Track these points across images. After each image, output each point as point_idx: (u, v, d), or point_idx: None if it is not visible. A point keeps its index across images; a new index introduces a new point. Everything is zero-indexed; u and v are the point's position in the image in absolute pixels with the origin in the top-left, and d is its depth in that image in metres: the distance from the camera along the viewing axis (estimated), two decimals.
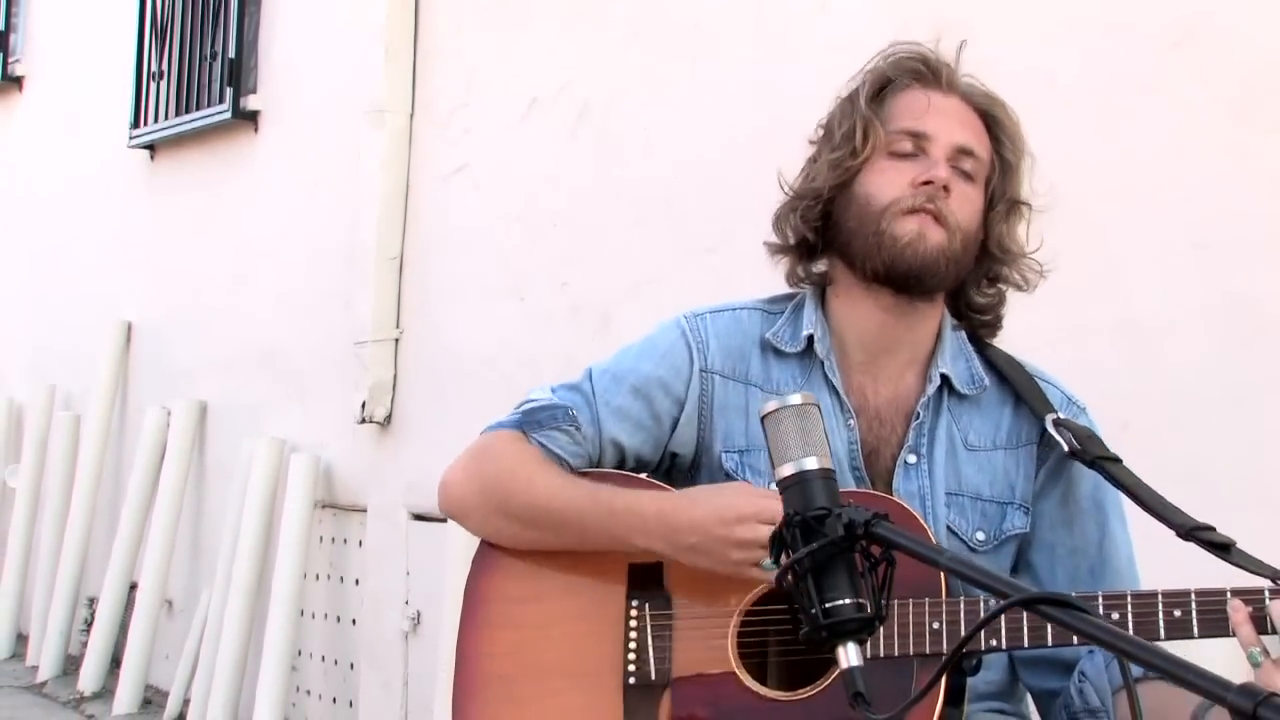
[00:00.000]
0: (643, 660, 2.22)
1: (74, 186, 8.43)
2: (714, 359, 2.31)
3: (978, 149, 2.24)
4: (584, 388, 2.34)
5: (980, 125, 2.28)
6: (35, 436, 8.23)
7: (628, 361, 2.35)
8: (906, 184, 2.20)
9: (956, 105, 2.27)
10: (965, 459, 2.26)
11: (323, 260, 6.24)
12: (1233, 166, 3.36)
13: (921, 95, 2.26)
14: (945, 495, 2.23)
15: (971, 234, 2.23)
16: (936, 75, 2.28)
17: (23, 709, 7.03)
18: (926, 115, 2.24)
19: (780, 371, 2.29)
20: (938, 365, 2.27)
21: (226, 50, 6.93)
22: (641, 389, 2.31)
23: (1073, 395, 2.32)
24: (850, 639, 1.58)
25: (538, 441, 2.30)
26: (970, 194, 2.23)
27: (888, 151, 2.24)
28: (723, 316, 2.36)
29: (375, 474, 5.86)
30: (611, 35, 5.03)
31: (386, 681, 5.65)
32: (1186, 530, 2.05)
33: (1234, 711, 1.33)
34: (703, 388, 2.29)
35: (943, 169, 2.20)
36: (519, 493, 2.29)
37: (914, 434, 2.24)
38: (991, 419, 2.28)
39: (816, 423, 1.68)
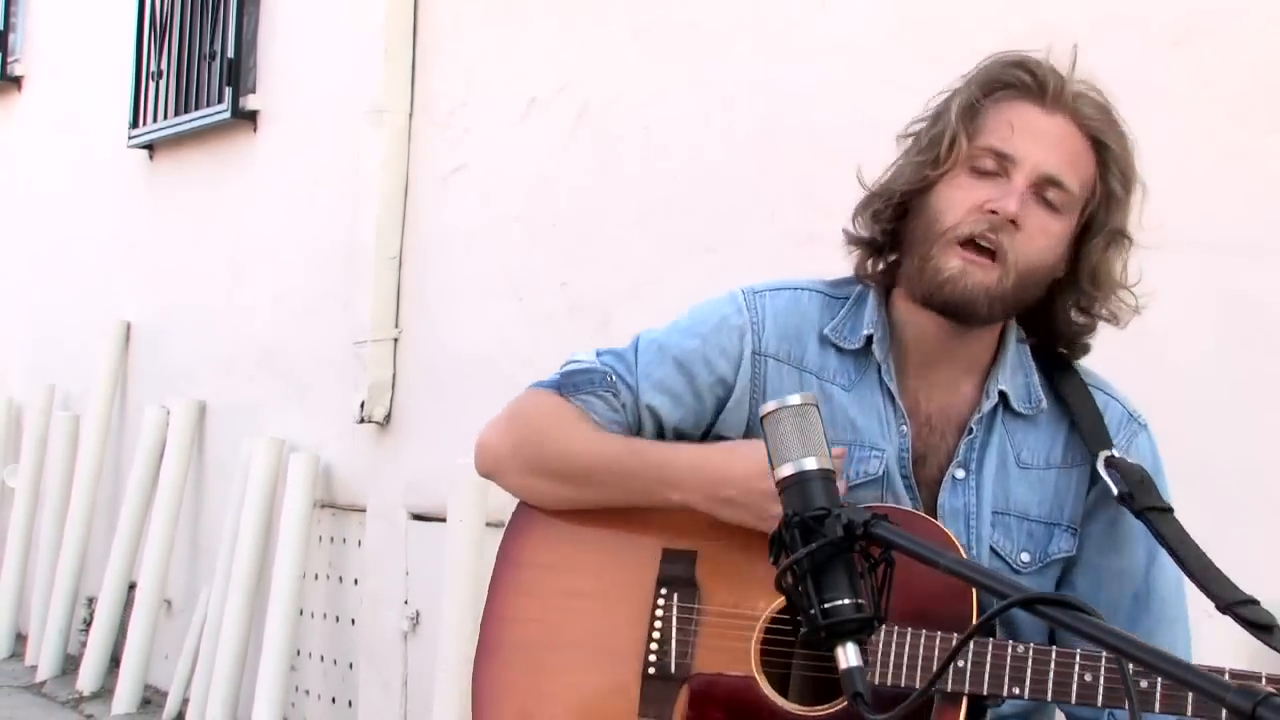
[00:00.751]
0: (664, 651, 2.20)
1: (73, 186, 8.43)
2: (769, 341, 2.23)
3: (1068, 179, 2.11)
4: (628, 356, 2.28)
5: (1084, 150, 2.15)
6: (34, 436, 8.23)
7: (676, 333, 2.28)
8: (975, 205, 2.10)
9: (1058, 126, 2.13)
10: (1016, 476, 2.20)
11: (322, 260, 6.24)
12: (1233, 166, 3.36)
13: (1020, 110, 2.13)
14: (994, 514, 2.18)
15: (1038, 270, 2.12)
16: (1043, 89, 2.14)
17: (22, 708, 7.03)
18: (1017, 135, 2.11)
19: (837, 363, 2.22)
20: (996, 380, 2.20)
21: (225, 50, 6.93)
22: (685, 363, 2.24)
23: (1135, 412, 2.25)
24: (849, 639, 1.57)
25: (575, 403, 2.27)
26: (1050, 226, 2.12)
27: (969, 167, 2.13)
28: (782, 295, 2.27)
29: (374, 474, 5.86)
30: (611, 35, 5.03)
31: (386, 681, 5.65)
32: (1225, 604, 1.98)
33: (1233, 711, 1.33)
34: (755, 371, 2.22)
35: (1013, 201, 2.08)
36: (553, 447, 2.26)
37: (965, 448, 2.19)
38: (1047, 437, 2.22)
39: (816, 423, 1.67)
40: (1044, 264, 2.13)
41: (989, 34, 3.84)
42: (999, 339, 2.23)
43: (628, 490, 2.21)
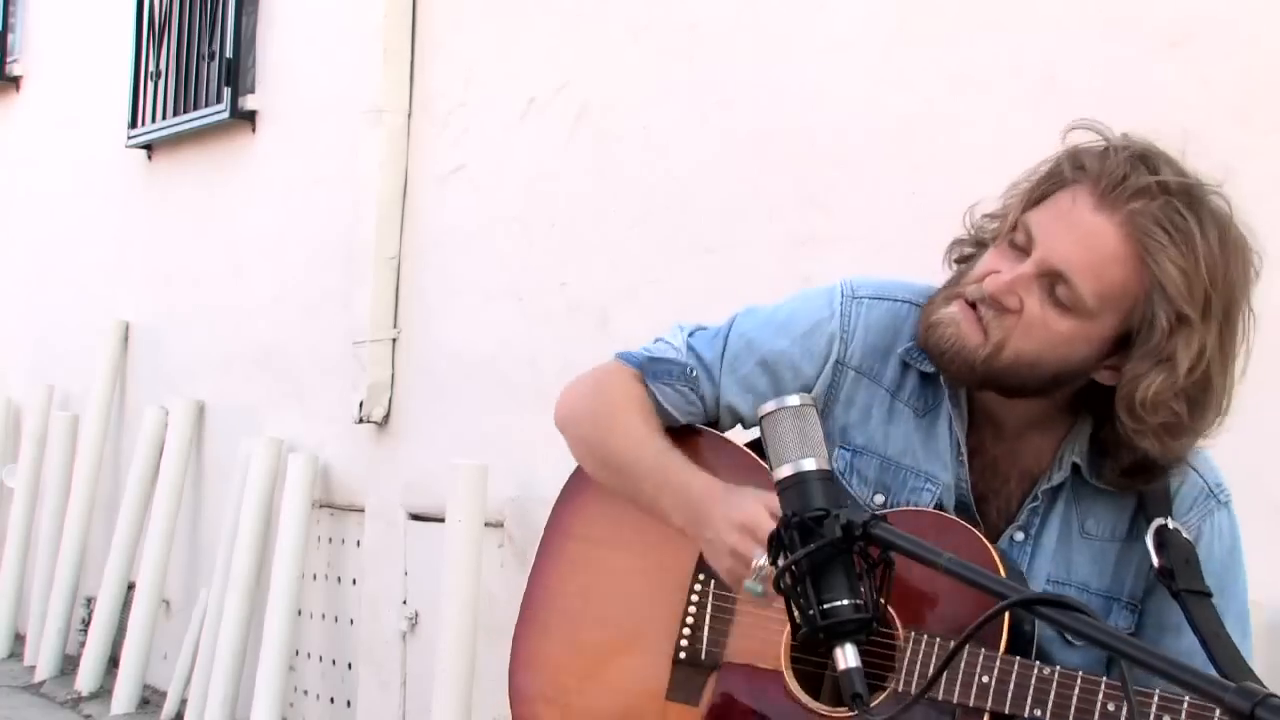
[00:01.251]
0: (696, 638, 2.22)
1: (72, 186, 8.43)
2: (854, 353, 2.19)
3: (1079, 281, 1.96)
4: (717, 345, 2.26)
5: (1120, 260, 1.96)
6: (33, 436, 8.22)
7: (770, 329, 2.24)
8: (984, 273, 2.03)
9: (1099, 225, 1.96)
10: (1079, 547, 2.15)
11: (321, 260, 6.24)
12: (1233, 166, 3.35)
13: (1076, 196, 1.98)
14: (1049, 582, 2.13)
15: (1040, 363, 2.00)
16: (1093, 180, 1.98)
17: (21, 709, 7.03)
18: (1053, 220, 1.99)
19: (915, 385, 2.17)
20: (1072, 450, 2.12)
21: (224, 50, 6.92)
22: (771, 364, 2.22)
23: (1217, 486, 2.16)
24: (848, 640, 1.58)
25: (652, 390, 2.28)
26: (1054, 324, 1.98)
27: (1007, 239, 2.04)
28: (880, 307, 2.20)
29: (373, 474, 5.86)
30: (611, 35, 5.02)
31: (384, 681, 5.64)
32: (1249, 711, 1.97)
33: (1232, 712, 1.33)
34: (834, 379, 2.19)
35: (1003, 280, 1.99)
36: (606, 429, 2.28)
37: (1028, 513, 2.14)
38: (1116, 509, 2.15)
39: (815, 424, 1.68)
40: (1048, 359, 2.01)
41: (989, 35, 3.83)
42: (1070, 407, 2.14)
43: (645, 500, 2.23)
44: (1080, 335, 2.00)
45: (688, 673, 2.21)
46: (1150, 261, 1.96)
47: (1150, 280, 1.96)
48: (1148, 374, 1.98)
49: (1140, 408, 1.99)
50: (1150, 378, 1.98)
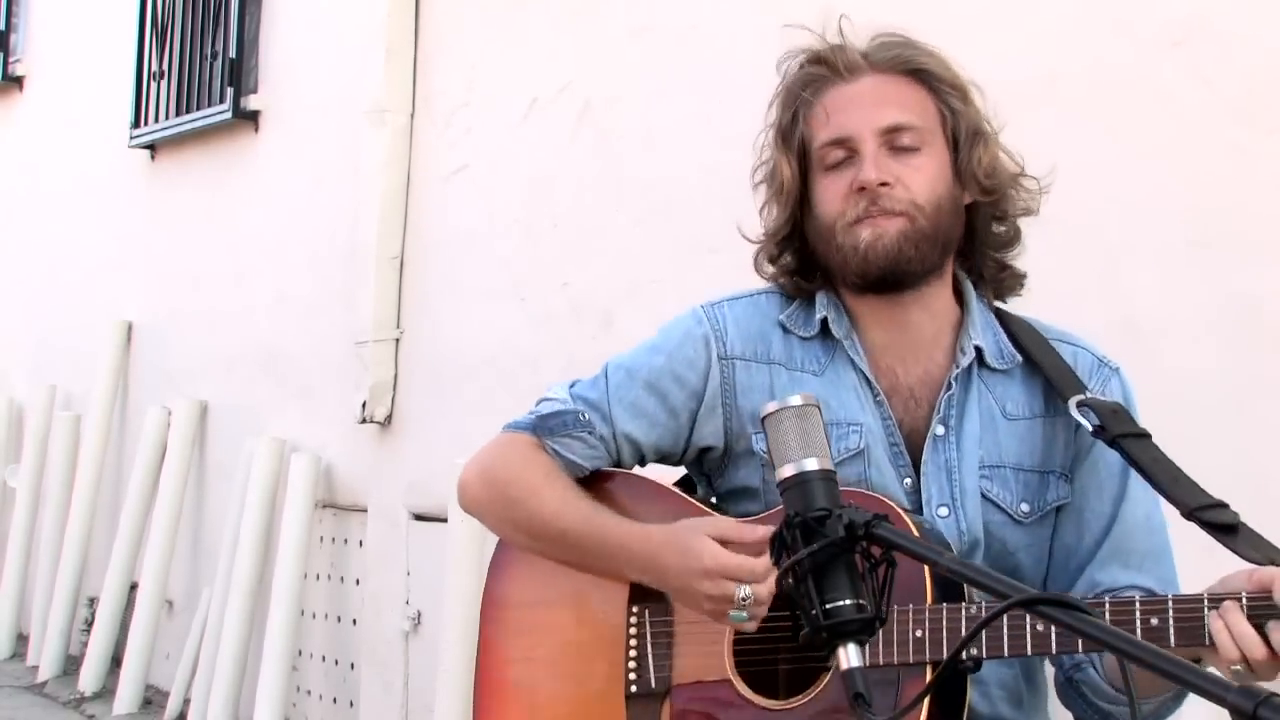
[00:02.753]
0: (643, 669, 2.24)
1: (75, 186, 8.43)
2: (733, 344, 2.26)
3: (907, 117, 2.18)
4: (599, 385, 2.31)
5: (903, 86, 2.21)
6: (36, 436, 8.23)
7: (642, 355, 2.31)
8: (845, 192, 2.16)
9: (869, 85, 2.21)
10: (1005, 429, 2.23)
11: (323, 260, 6.25)
12: (1233, 166, 3.36)
13: (828, 96, 2.21)
14: (985, 468, 2.20)
15: (940, 198, 2.18)
16: (834, 67, 2.22)
17: (23, 709, 7.03)
18: (837, 116, 2.19)
19: (803, 352, 2.26)
20: (970, 336, 2.23)
21: (227, 50, 6.94)
22: (654, 383, 2.28)
23: (1105, 357, 2.28)
24: (851, 640, 1.58)
25: (552, 449, 2.29)
26: (920, 162, 2.17)
27: (824, 168, 2.20)
28: (740, 302, 2.31)
29: (376, 474, 5.86)
30: (611, 35, 5.03)
31: (387, 682, 5.65)
32: (1189, 510, 2.04)
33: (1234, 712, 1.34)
34: (724, 375, 2.25)
35: (870, 169, 2.14)
36: (526, 506, 2.28)
37: (943, 405, 2.21)
38: (1026, 389, 2.24)
39: (817, 424, 1.68)
40: (940, 195, 2.17)
41: (989, 34, 3.84)
42: (959, 299, 2.27)
43: (592, 563, 2.25)
44: (939, 163, 2.18)
45: (642, 705, 2.23)
46: (917, 70, 2.21)
47: (927, 85, 2.21)
48: (974, 152, 2.20)
49: (988, 178, 2.21)
50: (978, 153, 2.20)
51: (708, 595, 2.09)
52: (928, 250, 2.17)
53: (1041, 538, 2.23)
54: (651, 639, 2.24)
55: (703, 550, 2.10)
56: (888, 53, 2.23)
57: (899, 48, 2.24)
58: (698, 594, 2.10)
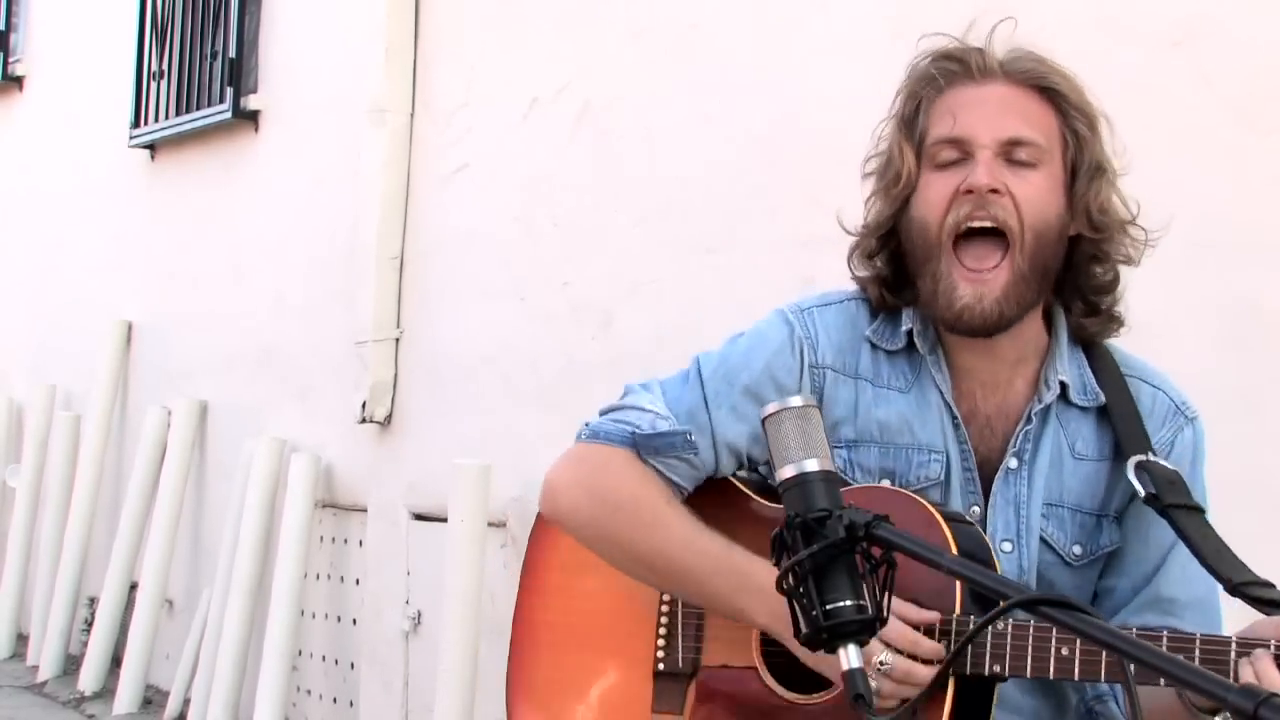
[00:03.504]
0: (671, 648, 2.24)
1: (74, 186, 8.43)
2: (824, 354, 2.21)
3: (1030, 133, 2.11)
4: (695, 389, 2.23)
5: (1033, 102, 2.14)
6: (36, 436, 8.23)
7: (738, 356, 2.24)
8: (951, 193, 2.09)
9: (999, 92, 2.13)
10: (1071, 468, 2.18)
11: (323, 260, 6.24)
12: (1233, 166, 3.36)
13: (956, 95, 2.14)
14: (1046, 506, 2.17)
15: (1048, 222, 2.10)
16: (966, 67, 2.15)
17: (23, 709, 7.03)
18: (961, 116, 2.11)
19: (890, 367, 2.21)
20: (1055, 370, 2.17)
21: (227, 50, 6.93)
22: (754, 389, 2.20)
23: (1184, 404, 2.23)
24: (851, 641, 1.58)
25: (654, 467, 2.20)
26: (1036, 180, 2.10)
27: (933, 166, 2.13)
28: (830, 310, 2.25)
29: (375, 474, 5.86)
30: (611, 35, 5.03)
31: (387, 681, 5.65)
32: (1234, 585, 1.99)
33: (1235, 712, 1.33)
34: (814, 383, 2.20)
35: (983, 173, 2.07)
36: (646, 539, 2.18)
37: (1020, 438, 2.17)
38: (1100, 429, 2.20)
39: (817, 425, 1.68)
40: (1047, 220, 2.10)
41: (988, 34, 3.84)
42: (1048, 327, 2.21)
43: (707, 596, 2.17)
44: (1052, 184, 2.12)
45: (669, 683, 2.23)
46: (1049, 88, 2.14)
47: (1056, 103, 2.14)
48: (1092, 185, 2.13)
49: (1100, 214, 2.14)
50: (1095, 186, 2.14)
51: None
52: (1028, 297, 2.11)
53: (1089, 580, 2.20)
54: (683, 619, 2.24)
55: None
56: (1022, 64, 2.16)
57: (1034, 62, 2.17)
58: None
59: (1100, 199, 2.14)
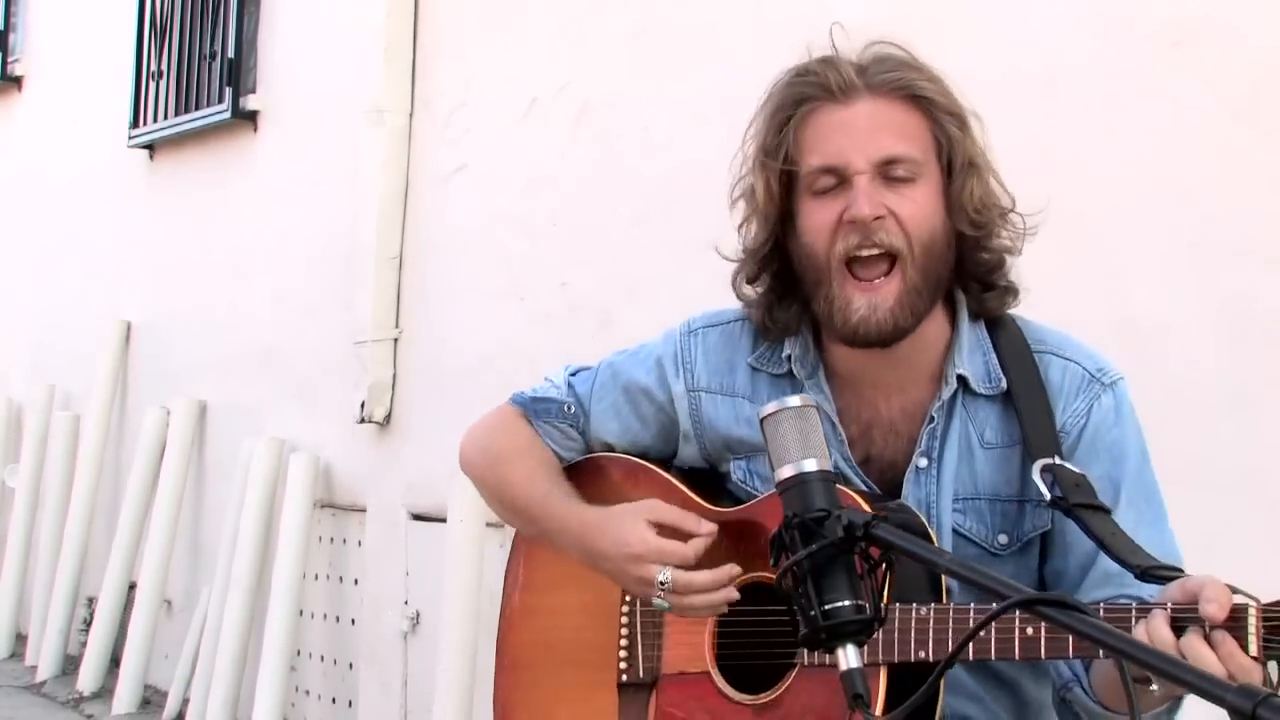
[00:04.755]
0: (633, 658, 2.27)
1: (73, 186, 8.43)
2: (700, 377, 2.29)
3: (903, 149, 2.08)
4: (589, 380, 2.40)
5: (902, 113, 2.10)
6: (34, 436, 8.23)
7: (630, 363, 2.37)
8: (833, 223, 2.08)
9: (865, 110, 2.10)
10: (981, 458, 2.16)
11: (322, 260, 6.24)
12: (1233, 166, 3.36)
13: (821, 118, 2.11)
14: (959, 500, 2.15)
15: (934, 232, 2.09)
16: (826, 86, 2.12)
17: (22, 708, 7.03)
18: (833, 141, 2.09)
19: (769, 387, 2.24)
20: (954, 365, 2.16)
21: (226, 50, 6.93)
22: (630, 392, 2.34)
23: (1100, 370, 2.18)
24: (850, 641, 1.57)
25: (536, 428, 2.40)
26: (916, 195, 2.08)
27: (811, 193, 2.11)
28: (714, 332, 2.32)
29: (374, 474, 5.86)
30: (611, 35, 5.03)
31: (385, 681, 5.65)
32: (1141, 570, 1.97)
33: (1233, 712, 1.33)
34: (691, 405, 2.29)
35: (864, 203, 2.05)
36: (500, 476, 2.41)
37: (926, 438, 2.16)
38: (1008, 414, 2.17)
39: (816, 425, 1.67)
40: (933, 231, 2.09)
41: (989, 34, 3.84)
42: (951, 318, 2.20)
43: (547, 538, 2.34)
44: (933, 194, 2.10)
45: (632, 694, 2.26)
46: (915, 95, 2.11)
47: (925, 110, 2.11)
48: (968, 182, 2.11)
49: (977, 212, 2.12)
50: (970, 185, 2.11)
51: (637, 578, 2.14)
52: (922, 306, 2.11)
53: (1027, 567, 2.17)
54: (641, 628, 2.27)
55: (632, 534, 2.15)
56: (885, 74, 2.13)
57: (897, 68, 2.14)
58: (628, 577, 2.16)
59: (976, 198, 2.12)
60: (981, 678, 2.19)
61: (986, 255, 2.18)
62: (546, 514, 2.30)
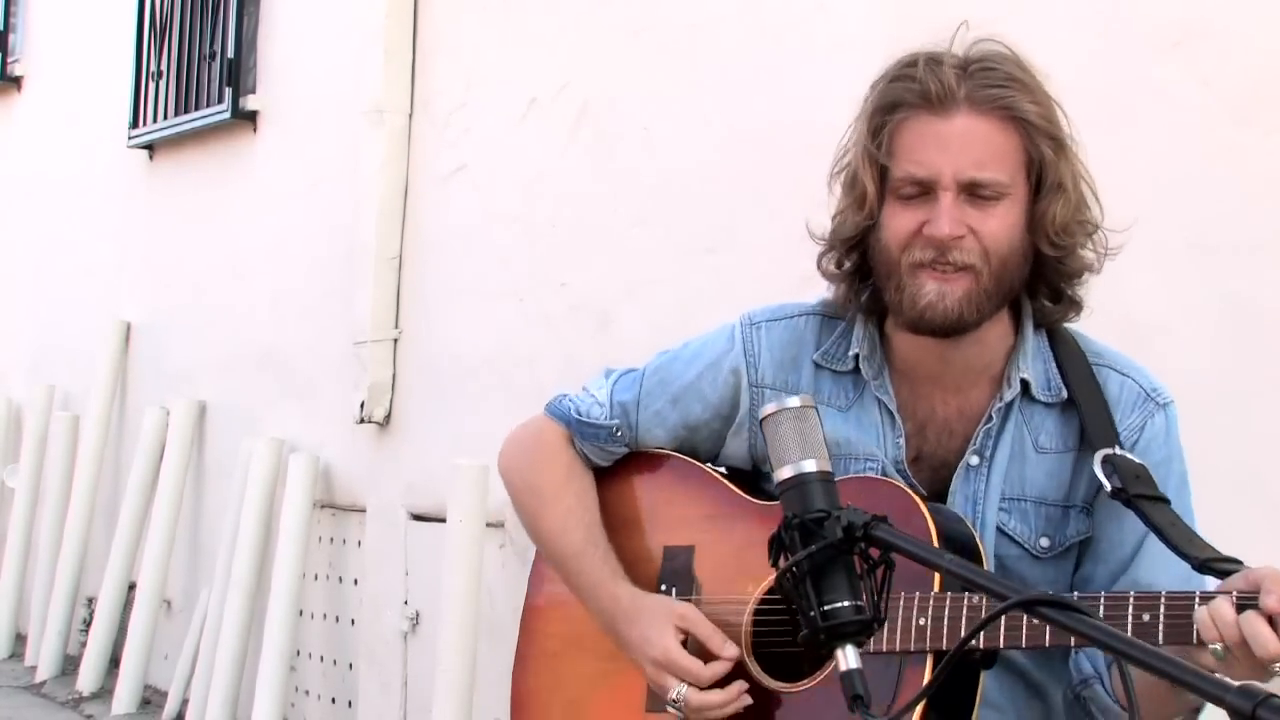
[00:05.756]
0: None
1: (73, 186, 8.43)
2: (764, 373, 2.29)
3: (989, 173, 2.10)
4: (635, 387, 2.38)
5: (997, 131, 2.12)
6: (34, 436, 8.22)
7: (680, 363, 2.37)
8: (912, 232, 2.11)
9: (960, 126, 2.11)
10: (1034, 462, 2.20)
11: (322, 260, 6.24)
12: (1233, 167, 3.36)
13: (918, 127, 2.12)
14: (1006, 500, 2.18)
15: (1012, 250, 2.12)
16: (928, 97, 2.12)
17: (21, 709, 7.03)
18: (925, 153, 2.11)
19: (832, 385, 2.26)
20: (1018, 369, 2.19)
21: (225, 50, 6.93)
22: (680, 398, 2.33)
23: (1154, 390, 2.23)
24: (849, 641, 1.58)
25: (579, 450, 2.41)
26: (997, 215, 2.10)
27: (897, 197, 2.14)
28: (778, 326, 2.32)
29: (374, 474, 5.86)
30: (611, 35, 5.03)
31: (385, 682, 5.64)
32: (1200, 562, 2.01)
33: (1233, 712, 1.33)
34: (753, 401, 2.28)
35: (944, 222, 2.08)
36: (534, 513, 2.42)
37: (981, 437, 2.19)
38: (1065, 422, 2.21)
39: (815, 425, 1.68)
40: (1012, 247, 2.12)
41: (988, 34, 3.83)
42: (1015, 325, 2.22)
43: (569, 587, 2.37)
44: (1016, 213, 2.12)
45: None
46: (1014, 115, 2.12)
47: (1022, 130, 2.12)
48: (1053, 204, 2.13)
49: (1059, 234, 2.14)
50: (1055, 205, 2.13)
51: (652, 680, 2.20)
52: (989, 308, 2.14)
53: (1064, 572, 2.21)
54: None
55: (659, 640, 2.20)
56: (987, 91, 2.13)
57: (1002, 82, 2.14)
58: (645, 673, 2.22)
59: (1059, 221, 2.14)
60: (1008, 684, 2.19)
61: (1064, 269, 2.20)
62: (579, 572, 2.33)
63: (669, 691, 2.16)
